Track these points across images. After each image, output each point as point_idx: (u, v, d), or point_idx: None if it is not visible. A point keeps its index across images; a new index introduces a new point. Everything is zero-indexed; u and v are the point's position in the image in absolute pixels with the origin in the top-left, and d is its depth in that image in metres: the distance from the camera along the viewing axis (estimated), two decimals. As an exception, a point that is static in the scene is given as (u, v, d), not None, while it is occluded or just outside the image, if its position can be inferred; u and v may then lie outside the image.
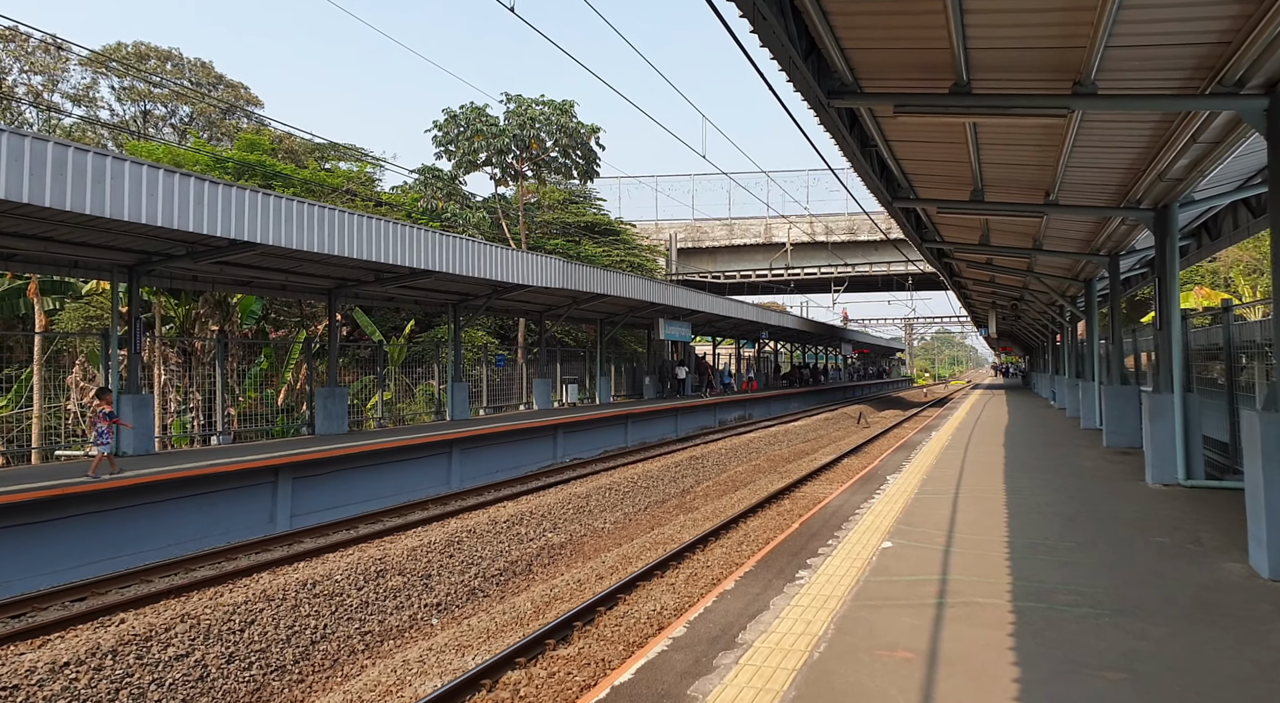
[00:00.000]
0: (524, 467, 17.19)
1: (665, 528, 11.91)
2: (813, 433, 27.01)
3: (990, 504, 7.38)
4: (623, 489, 14.17)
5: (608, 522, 12.42)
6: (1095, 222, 10.49)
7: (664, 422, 25.02)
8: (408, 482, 13.82)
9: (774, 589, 4.89)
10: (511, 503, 12.20)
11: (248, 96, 27.15)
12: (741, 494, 14.86)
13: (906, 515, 6.90)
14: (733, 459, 19.59)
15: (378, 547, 9.21)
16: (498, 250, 16.22)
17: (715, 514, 12.75)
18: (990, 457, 11.04)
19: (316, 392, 15.39)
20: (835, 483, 15.62)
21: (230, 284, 14.60)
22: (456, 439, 15.01)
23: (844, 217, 38.98)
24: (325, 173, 22.82)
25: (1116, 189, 8.51)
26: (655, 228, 40.18)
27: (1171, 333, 8.26)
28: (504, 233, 28.99)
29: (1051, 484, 8.52)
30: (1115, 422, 11.91)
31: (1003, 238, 12.43)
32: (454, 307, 19.28)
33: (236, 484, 10.69)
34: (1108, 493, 7.93)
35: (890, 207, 9.48)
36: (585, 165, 28.51)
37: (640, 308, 25.64)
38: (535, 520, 11.38)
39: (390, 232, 13.31)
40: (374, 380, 22.01)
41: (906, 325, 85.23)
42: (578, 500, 12.73)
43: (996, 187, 8.97)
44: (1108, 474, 9.23)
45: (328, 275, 14.99)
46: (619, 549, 10.69)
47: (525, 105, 26.92)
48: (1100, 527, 6.35)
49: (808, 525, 7.23)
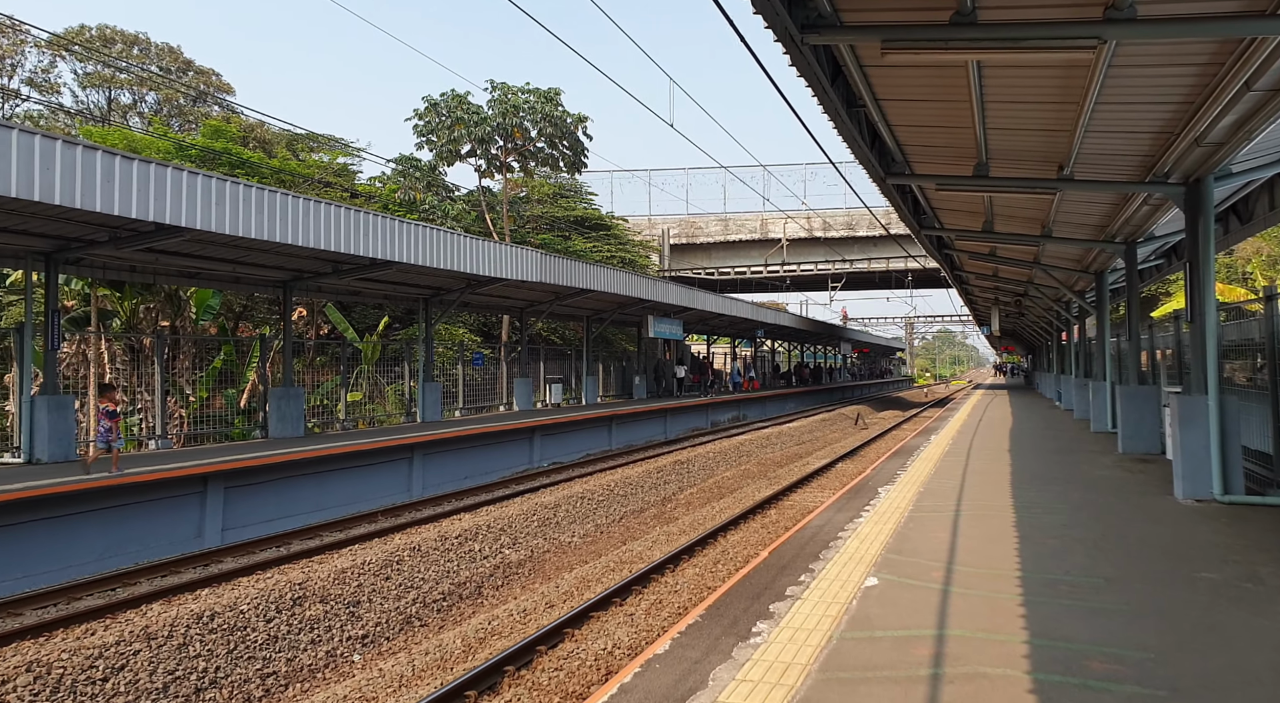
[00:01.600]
0: (496, 472, 16.11)
1: (638, 542, 10.84)
2: (808, 435, 25.93)
3: (996, 524, 6.30)
4: (597, 498, 13.09)
5: (576, 535, 11.34)
6: (1112, 203, 9.41)
7: (652, 423, 23.94)
8: (362, 490, 12.75)
9: (720, 652, 3.80)
10: (469, 515, 11.13)
11: (219, 83, 26.01)
12: (726, 503, 13.78)
13: (898, 539, 5.82)
14: (721, 463, 18.52)
15: (302, 569, 8.14)
16: (468, 241, 15.15)
17: (695, 526, 11.67)
18: (994, 465, 9.96)
19: (270, 393, 14.32)
20: (828, 490, 14.55)
21: (175, 276, 13.53)
22: (419, 443, 13.94)
23: (842, 211, 37.87)
24: (296, 162, 21.75)
25: (1142, 161, 7.42)
26: (649, 223, 39.10)
27: (1206, 326, 7.17)
28: (488, 226, 27.91)
29: (1066, 499, 7.44)
30: (1131, 426, 10.83)
31: (1008, 224, 11.35)
32: (426, 302, 18.21)
33: (158, 496, 9.61)
34: (1133, 510, 6.85)
35: (884, 183, 8.40)
36: (573, 156, 27.42)
37: (628, 305, 24.57)
38: (493, 535, 10.31)
39: (347, 219, 12.26)
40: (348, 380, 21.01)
41: (907, 324, 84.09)
42: (544, 511, 11.66)
43: (1004, 159, 7.89)
44: (1129, 487, 8.14)
45: (281, 267, 13.93)
46: (583, 568, 9.61)
47: (509, 92, 25.83)
48: (1130, 556, 5.27)
49: (779, 553, 6.15)
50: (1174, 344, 10.94)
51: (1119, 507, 7.05)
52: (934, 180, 8.19)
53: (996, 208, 10.60)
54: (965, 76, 5.62)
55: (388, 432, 15.06)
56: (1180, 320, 10.87)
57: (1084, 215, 10.40)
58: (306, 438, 14.16)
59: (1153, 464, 9.73)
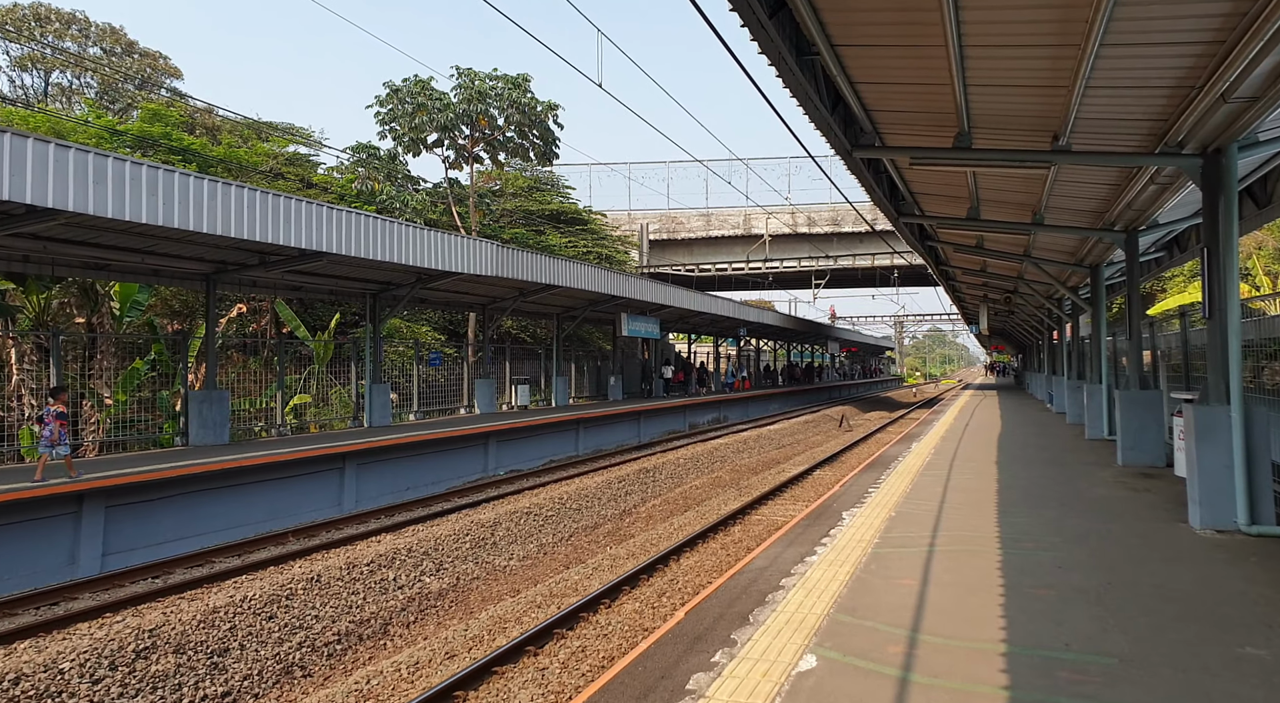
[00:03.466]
0: (444, 482, 14.88)
1: (582, 567, 9.64)
2: (789, 438, 24.80)
3: (977, 567, 5.13)
4: (546, 513, 11.89)
5: (515, 558, 10.13)
6: (1113, 183, 8.27)
7: (624, 426, 22.74)
8: (285, 506, 11.50)
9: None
10: (392, 536, 9.90)
11: (165, 67, 24.50)
12: (689, 517, 12.60)
13: (854, 590, 4.65)
14: (692, 471, 17.35)
15: (166, 609, 6.89)
16: (414, 231, 13.92)
17: (648, 547, 10.49)
18: (979, 481, 8.81)
19: (190, 396, 13.04)
20: (800, 502, 13.40)
21: (79, 267, 12.21)
22: (353, 452, 12.70)
23: (827, 207, 36.77)
24: (243, 150, 20.39)
25: (1152, 127, 6.27)
26: (628, 218, 37.89)
27: (1228, 324, 6.03)
28: (456, 220, 26.63)
29: (1061, 527, 6.29)
30: (1132, 435, 9.71)
31: (996, 210, 10.21)
32: (373, 297, 16.95)
33: (21, 517, 8.34)
34: (1142, 545, 5.70)
35: (850, 157, 7.23)
36: (543, 146, 26.17)
37: (600, 302, 23.35)
38: (414, 560, 9.09)
39: (269, 204, 11.06)
40: (297, 381, 19.72)
41: (896, 323, 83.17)
42: (481, 530, 10.45)
43: (989, 127, 6.73)
44: (1134, 510, 7.00)
45: (201, 258, 12.66)
46: (510, 601, 8.41)
47: (475, 79, 24.55)
48: (1148, 618, 4.11)
49: (701, 612, 4.96)
50: (1180, 344, 9.83)
51: (1125, 539, 5.90)
52: (908, 153, 7.03)
53: (983, 191, 9.46)
54: (938, 6, 4.44)
55: (322, 439, 13.80)
56: (1187, 317, 9.76)
57: (1080, 199, 9.26)
58: (230, 446, 12.88)
59: (1158, 480, 8.61)
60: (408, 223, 14.21)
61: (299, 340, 19.91)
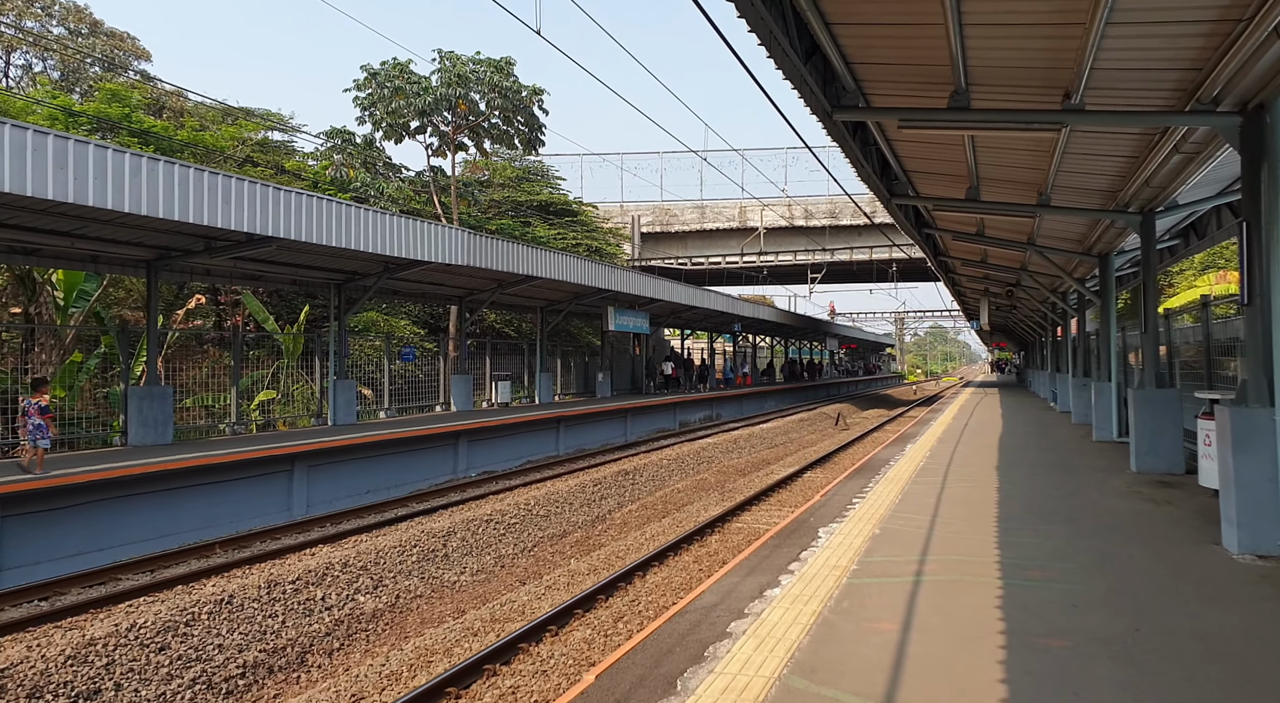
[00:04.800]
0: (409, 485, 13.97)
1: (539, 583, 8.72)
2: (782, 437, 23.88)
3: (973, 606, 4.20)
4: (509, 520, 10.97)
5: (467, 572, 9.21)
6: (1131, 154, 7.31)
7: (609, 425, 21.82)
8: (222, 513, 10.58)
9: None
10: (329, 547, 8.99)
11: (133, 48, 23.44)
12: (666, 525, 11.68)
13: (816, 641, 3.72)
14: (676, 472, 16.43)
15: (31, 642, 5.97)
16: (377, 217, 13.00)
17: (614, 560, 9.57)
18: (977, 490, 7.87)
19: (129, 392, 12.12)
20: (786, 507, 12.49)
21: (4, 252, 11.31)
22: (304, 453, 11.78)
23: (824, 199, 35.77)
24: (209, 134, 19.43)
25: (1183, 76, 5.32)
26: (620, 210, 36.90)
27: (1272, 310, 5.08)
28: (438, 210, 25.68)
29: (1072, 551, 5.35)
30: (1148, 438, 8.77)
31: (997, 190, 9.25)
32: (338, 288, 16.01)
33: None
34: (1173, 575, 4.76)
35: (829, 119, 6.27)
36: (528, 133, 25.20)
37: (586, 295, 22.44)
38: (350, 575, 8.17)
39: (214, 185, 10.18)
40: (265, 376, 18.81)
41: (897, 319, 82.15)
42: (432, 541, 9.53)
43: (989, 84, 5.78)
44: (1156, 528, 6.06)
45: (139, 243, 11.72)
46: (453, 622, 7.50)
47: (456, 62, 23.58)
48: (1197, 688, 3.18)
49: (617, 673, 4.03)
50: (1202, 337, 8.88)
51: (1150, 567, 4.96)
52: (897, 115, 6.07)
53: (983, 169, 8.50)
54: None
55: (276, 438, 12.87)
56: (1209, 307, 8.81)
57: (1091, 176, 8.31)
58: (174, 446, 11.97)
59: (1178, 490, 7.67)
60: (372, 208, 13.29)
61: (265, 333, 18.99)
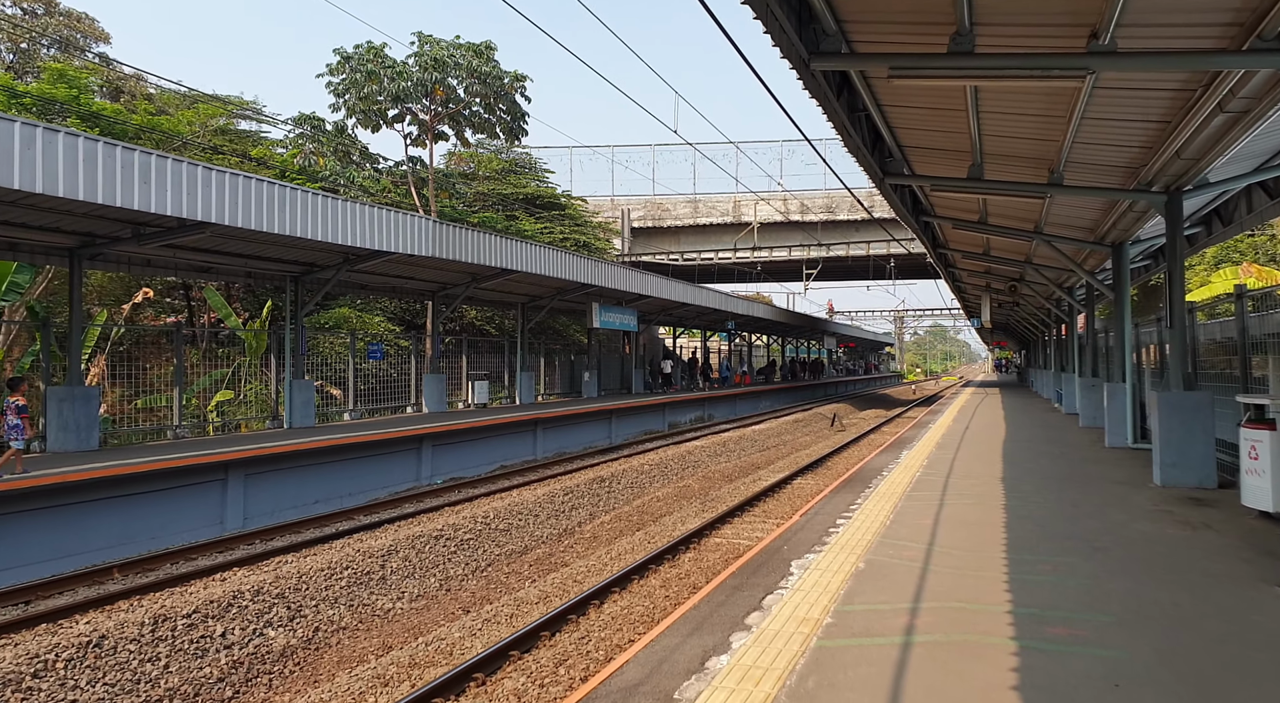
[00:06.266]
0: (366, 493, 12.93)
1: (482, 611, 7.68)
2: (774, 439, 22.84)
3: (980, 688, 3.15)
4: (463, 536, 9.93)
5: (405, 598, 8.17)
6: (1162, 118, 6.24)
7: (593, 427, 20.77)
8: (140, 528, 9.53)
9: None
10: (245, 570, 7.94)
11: (90, 29, 22.32)
12: (639, 539, 10.64)
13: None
14: (658, 478, 15.39)
15: None
16: (331, 202, 11.98)
17: (574, 582, 8.53)
18: (980, 508, 6.82)
19: (48, 394, 11.07)
20: (773, 518, 11.46)
21: (-92, 241, 10.28)
22: (241, 459, 10.73)
23: (821, 193, 34.73)
24: (165, 118, 18.36)
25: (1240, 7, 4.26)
26: (611, 204, 35.86)
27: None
28: (416, 202, 24.62)
29: (1104, 600, 4.30)
30: (1175, 447, 7.72)
31: (1003, 168, 8.20)
32: (294, 280, 14.96)
33: None
34: (1238, 636, 3.71)
35: (806, 69, 5.20)
36: (510, 121, 24.14)
37: (569, 290, 21.40)
38: (262, 605, 7.12)
39: (136, 163, 9.17)
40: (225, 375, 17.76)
41: (896, 318, 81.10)
42: (368, 561, 8.48)
43: (998, 21, 4.72)
44: (1201, 563, 5.01)
45: (56, 228, 10.67)
46: (375, 661, 6.46)
47: (433, 45, 22.51)
48: None
49: None
50: (1237, 332, 7.83)
51: (1203, 622, 3.91)
52: (886, 62, 5.00)
53: (987, 142, 7.44)
54: None
55: (217, 442, 11.82)
56: (1244, 299, 7.75)
57: (1112, 148, 7.25)
58: (101, 452, 10.93)
59: (1214, 510, 6.62)
60: (326, 194, 12.25)
61: (220, 329, 17.95)
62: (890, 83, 5.18)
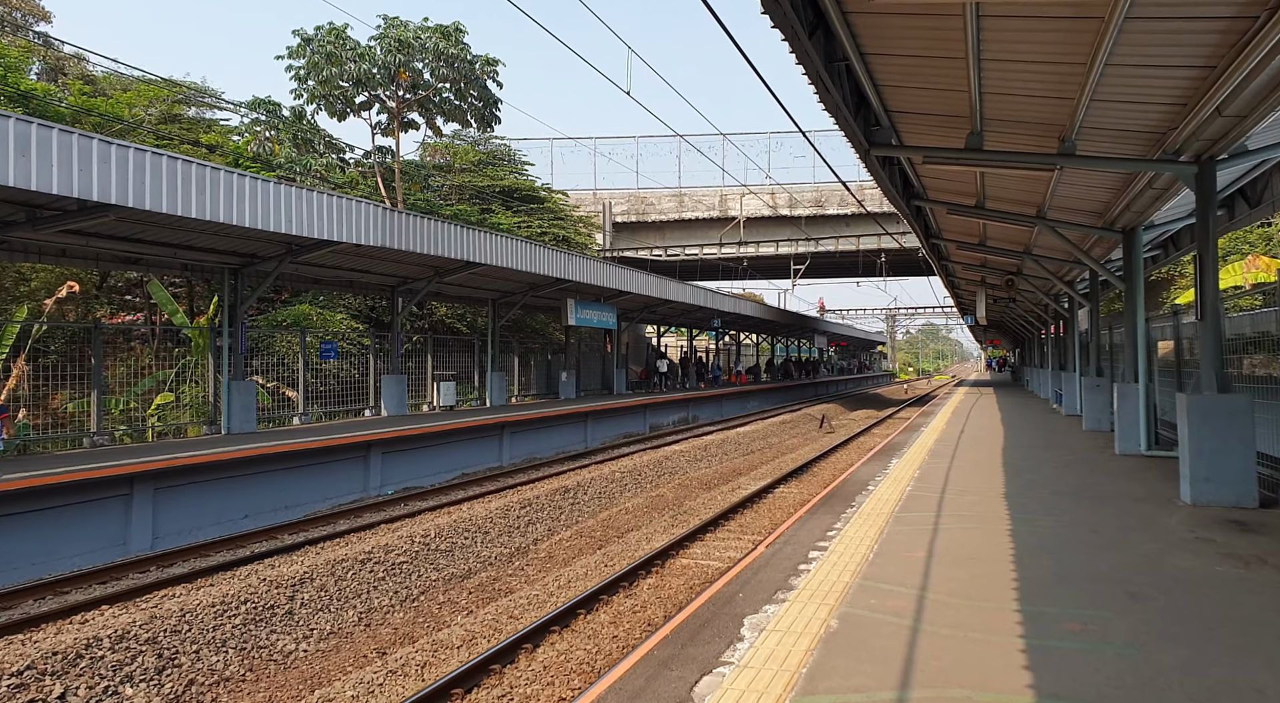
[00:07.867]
0: (303, 506, 11.74)
1: (401, 653, 6.51)
2: (759, 442, 21.74)
3: None
4: (395, 559, 8.75)
5: (312, 637, 6.99)
6: (1206, 63, 5.12)
7: (567, 430, 19.62)
8: (27, 551, 8.32)
9: None
10: (114, 609, 6.75)
11: (27, 6, 20.92)
12: (598, 559, 9.48)
13: None
14: (630, 487, 14.25)
15: None
16: (264, 186, 10.86)
17: (512, 617, 7.36)
18: (981, 535, 5.70)
19: (-66, 398, 9.84)
20: (749, 533, 10.33)
21: None
22: (147, 473, 9.52)
23: (810, 186, 33.63)
24: (103, 100, 17.12)
25: None
26: (593, 197, 34.69)
27: None
28: (383, 194, 23.39)
29: (1157, 682, 3.18)
30: (1207, 459, 6.62)
31: (1006, 135, 7.09)
32: (233, 272, 13.77)
33: None
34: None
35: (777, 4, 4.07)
36: (481, 108, 22.94)
37: (543, 286, 20.25)
38: (124, 654, 5.93)
39: (26, 135, 8.02)
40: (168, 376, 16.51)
41: (889, 316, 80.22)
42: (273, 593, 7.30)
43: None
44: (1268, 614, 3.89)
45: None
46: (243, 728, 5.28)
47: (398, 27, 21.29)
48: None
49: None
50: (1276, 326, 6.72)
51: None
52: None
53: (989, 101, 6.32)
54: None
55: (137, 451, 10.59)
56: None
57: (1137, 104, 6.13)
58: None
59: (1266, 537, 5.51)
60: (261, 176, 11.07)
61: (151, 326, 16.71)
62: (875, 18, 4.05)
